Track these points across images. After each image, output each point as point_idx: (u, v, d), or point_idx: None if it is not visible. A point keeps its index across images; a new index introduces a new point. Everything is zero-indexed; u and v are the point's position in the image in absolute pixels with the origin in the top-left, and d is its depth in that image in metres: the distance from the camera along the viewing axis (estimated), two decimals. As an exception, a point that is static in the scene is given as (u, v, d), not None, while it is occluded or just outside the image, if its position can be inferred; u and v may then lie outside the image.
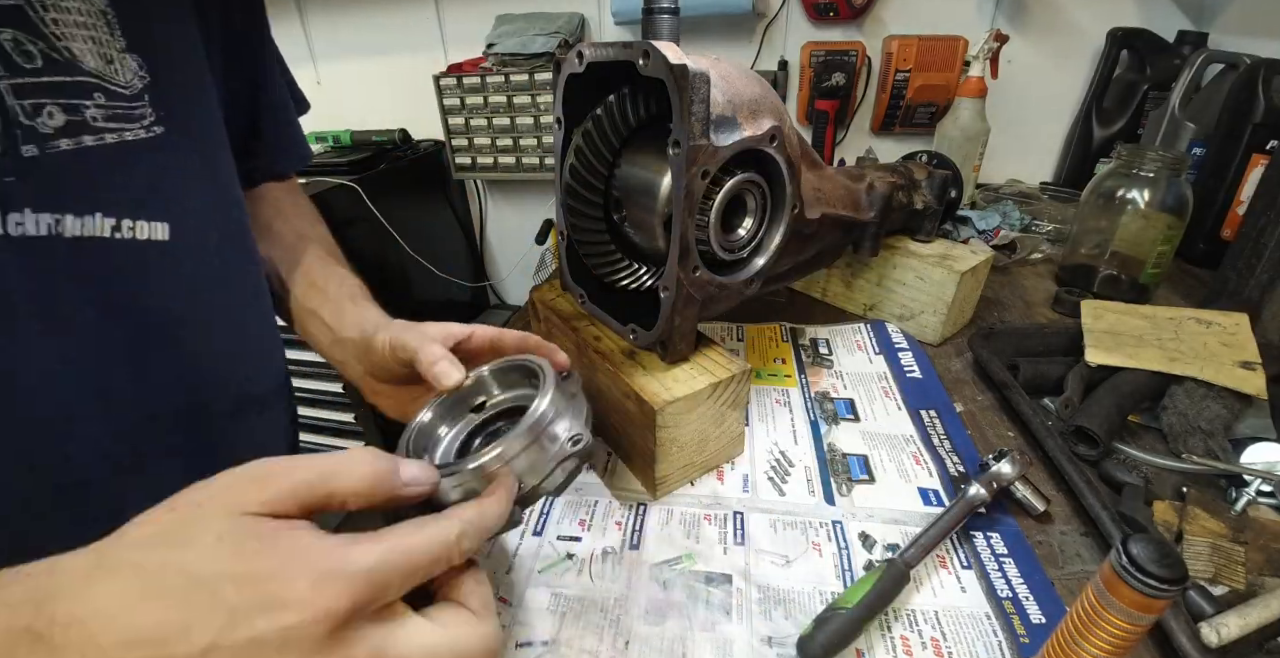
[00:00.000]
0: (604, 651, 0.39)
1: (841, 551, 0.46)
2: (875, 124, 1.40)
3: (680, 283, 0.45)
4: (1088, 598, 0.28)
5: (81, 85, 0.35)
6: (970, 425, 0.59)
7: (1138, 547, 0.26)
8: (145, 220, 0.38)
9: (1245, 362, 0.58)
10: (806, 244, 0.58)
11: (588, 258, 0.54)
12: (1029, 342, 0.68)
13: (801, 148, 0.52)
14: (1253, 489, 0.47)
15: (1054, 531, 0.47)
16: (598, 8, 1.47)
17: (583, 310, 0.56)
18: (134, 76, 0.38)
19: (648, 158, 0.48)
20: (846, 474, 0.53)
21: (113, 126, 0.37)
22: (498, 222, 1.88)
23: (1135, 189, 0.77)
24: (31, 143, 0.33)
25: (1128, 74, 1.19)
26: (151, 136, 0.39)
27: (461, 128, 1.55)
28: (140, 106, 0.38)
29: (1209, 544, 0.43)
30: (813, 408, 0.61)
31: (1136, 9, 1.22)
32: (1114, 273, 0.82)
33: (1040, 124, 1.34)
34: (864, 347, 0.72)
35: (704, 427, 0.50)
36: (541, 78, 1.43)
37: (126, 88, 0.37)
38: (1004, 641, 0.39)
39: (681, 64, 0.38)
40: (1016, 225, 1.00)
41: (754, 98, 0.45)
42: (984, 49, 1.01)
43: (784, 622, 0.41)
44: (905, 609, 0.41)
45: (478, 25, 1.49)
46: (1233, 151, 0.85)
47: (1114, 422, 0.53)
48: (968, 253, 0.71)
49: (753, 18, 1.38)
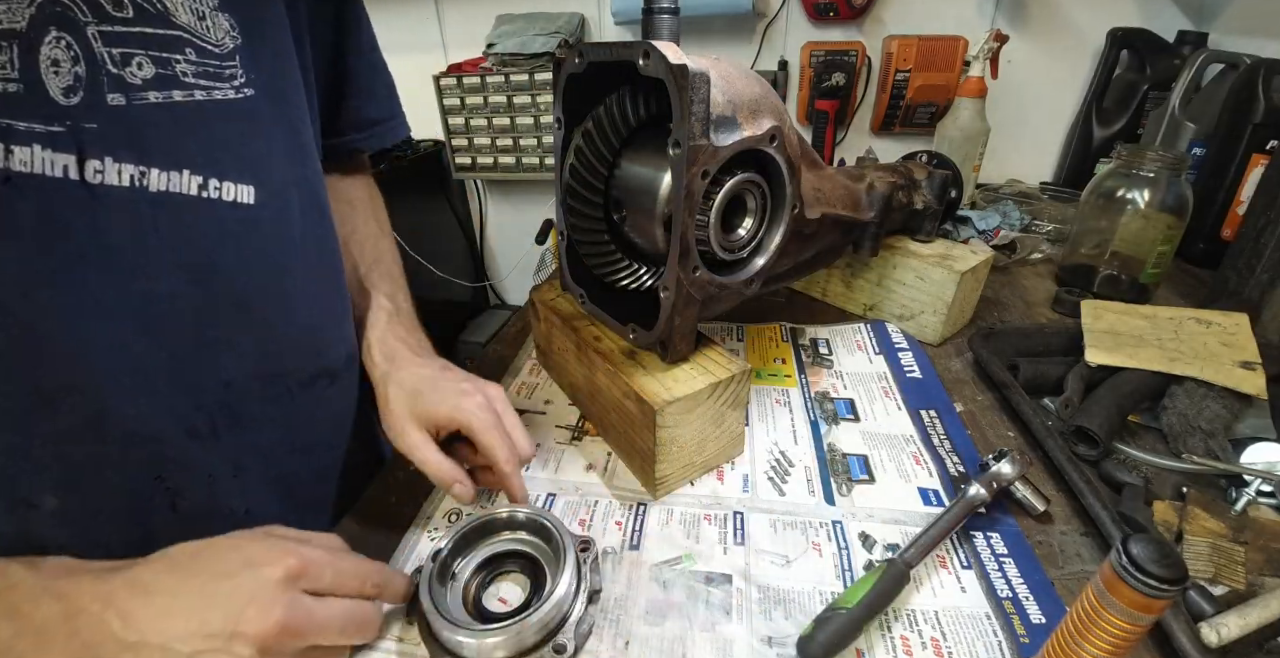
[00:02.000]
0: (604, 651, 0.39)
1: (841, 551, 0.46)
2: (875, 124, 1.40)
3: (680, 283, 0.45)
4: (1088, 598, 0.28)
5: (173, 39, 0.34)
6: (970, 425, 0.59)
7: (1138, 547, 0.26)
8: (232, 182, 0.38)
9: (1245, 362, 0.58)
10: (806, 244, 0.58)
11: (588, 258, 0.54)
12: (1029, 342, 0.68)
13: (801, 148, 0.52)
14: (1253, 489, 0.47)
15: (1054, 531, 0.47)
16: (598, 8, 1.47)
17: (583, 310, 0.56)
18: (225, 35, 0.37)
19: (648, 158, 0.48)
20: (846, 474, 0.53)
21: (203, 83, 0.36)
22: (498, 222, 1.88)
23: (1135, 189, 0.77)
24: (119, 92, 0.33)
25: (1128, 74, 1.19)
26: (242, 98, 0.38)
27: (461, 128, 1.55)
28: (231, 67, 0.37)
29: (1209, 544, 0.43)
30: (813, 408, 0.61)
31: (1136, 9, 1.22)
32: (1114, 273, 0.82)
33: (1040, 124, 1.34)
34: (864, 347, 0.72)
35: (704, 427, 0.50)
36: (541, 78, 1.43)
37: (218, 46, 0.37)
38: (1004, 641, 0.39)
39: (681, 64, 0.38)
40: (1016, 225, 1.00)
41: (754, 98, 0.45)
42: (984, 49, 1.01)
43: (784, 622, 0.41)
44: (905, 609, 0.41)
45: (478, 25, 1.49)
46: (1233, 151, 0.85)
47: (1114, 422, 0.53)
48: (968, 253, 0.71)
49: (753, 18, 1.38)
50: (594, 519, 0.49)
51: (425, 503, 0.51)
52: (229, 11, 0.37)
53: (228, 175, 0.38)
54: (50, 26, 0.30)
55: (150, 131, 0.34)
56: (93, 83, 0.32)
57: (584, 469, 0.54)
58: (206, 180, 0.37)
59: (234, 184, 0.38)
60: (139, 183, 0.34)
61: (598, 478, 0.53)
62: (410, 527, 0.48)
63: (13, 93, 0.29)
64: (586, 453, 0.56)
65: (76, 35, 0.31)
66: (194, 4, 0.35)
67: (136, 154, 0.34)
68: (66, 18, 0.31)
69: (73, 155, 0.31)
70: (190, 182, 0.36)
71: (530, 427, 0.60)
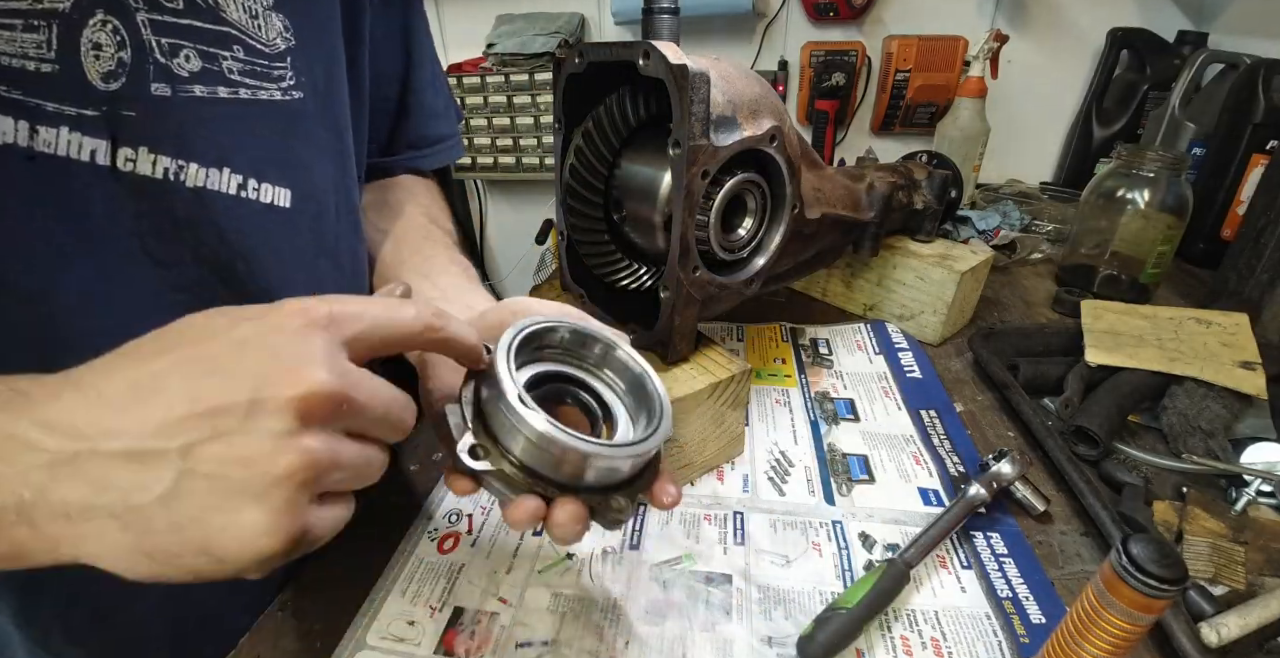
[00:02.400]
0: (604, 651, 0.39)
1: (841, 551, 0.46)
2: (875, 124, 1.40)
3: (680, 283, 0.45)
4: (1088, 598, 0.28)
5: (221, 35, 0.34)
6: (970, 425, 0.59)
7: (1138, 547, 0.26)
8: (271, 184, 0.37)
9: (1245, 362, 0.58)
10: (806, 244, 0.58)
11: (588, 258, 0.54)
12: (1029, 342, 0.68)
13: (801, 148, 0.52)
14: (1253, 489, 0.47)
15: (1054, 531, 0.47)
16: (598, 8, 1.47)
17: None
18: (278, 36, 0.37)
19: (648, 158, 0.48)
20: (846, 474, 0.53)
21: (250, 82, 0.35)
22: (498, 222, 1.88)
23: (1135, 189, 0.77)
24: (164, 82, 0.32)
25: (1128, 74, 1.19)
26: (289, 100, 0.38)
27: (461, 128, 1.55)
28: (280, 68, 0.37)
29: (1209, 544, 0.43)
30: (813, 408, 0.61)
31: (1136, 9, 1.22)
32: (1114, 273, 0.82)
33: (1040, 124, 1.34)
34: (864, 347, 0.72)
35: (704, 427, 0.50)
36: (541, 78, 1.43)
37: (268, 46, 0.36)
38: (1004, 641, 0.39)
39: (681, 64, 0.38)
40: (1016, 225, 1.00)
41: (754, 98, 0.45)
42: (984, 49, 1.01)
43: (784, 622, 0.41)
44: (905, 609, 0.41)
45: (478, 25, 1.49)
46: (1233, 152, 0.85)
47: (1114, 422, 0.53)
48: (968, 253, 0.71)
49: (753, 18, 1.38)
50: (594, 519, 0.49)
51: (425, 503, 0.51)
52: (284, 13, 0.37)
53: (267, 177, 0.37)
54: (98, 9, 0.30)
55: (193, 126, 0.33)
56: (137, 70, 0.31)
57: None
58: (246, 180, 0.36)
59: (272, 186, 0.38)
60: (176, 176, 0.33)
61: (598, 478, 0.53)
62: (410, 527, 0.48)
63: (46, 73, 0.29)
64: (586, 453, 0.56)
65: (126, 21, 0.30)
66: (247, 2, 0.35)
67: (176, 147, 0.33)
68: (117, 2, 0.30)
69: (105, 141, 0.31)
70: (230, 180, 0.35)
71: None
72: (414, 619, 0.41)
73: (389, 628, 0.40)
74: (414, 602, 0.42)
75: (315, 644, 0.40)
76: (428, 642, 0.40)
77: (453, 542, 0.47)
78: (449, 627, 0.41)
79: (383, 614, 0.41)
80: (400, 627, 0.40)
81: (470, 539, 0.47)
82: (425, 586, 0.43)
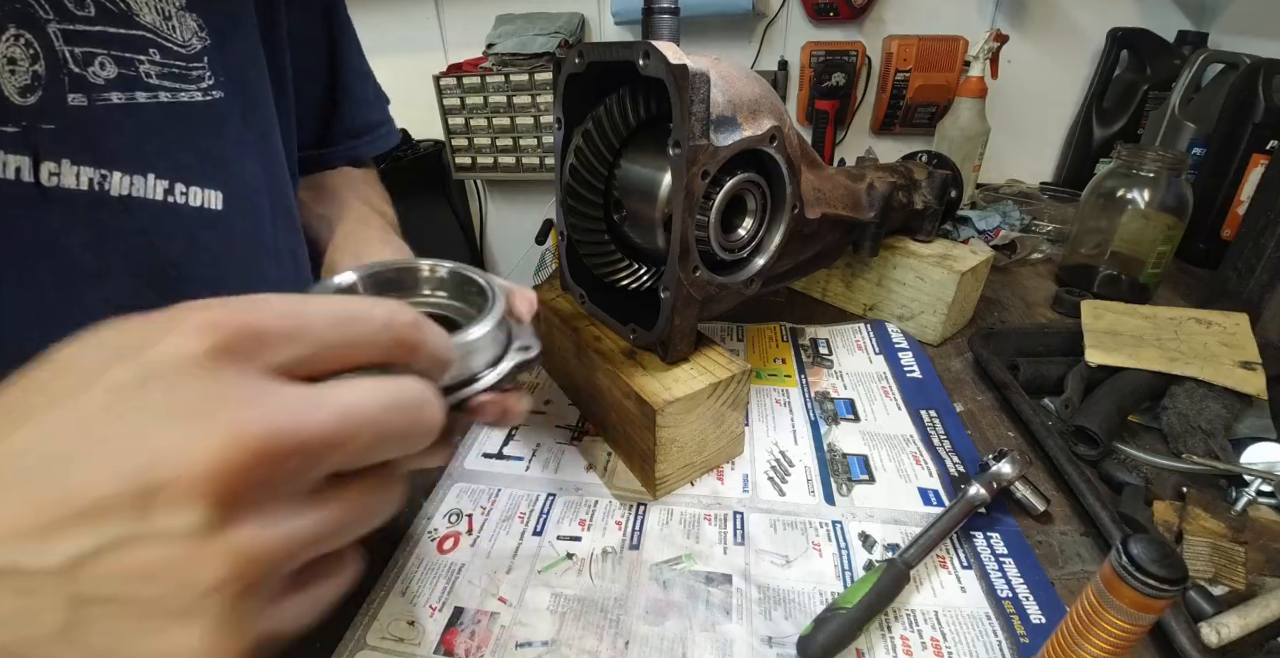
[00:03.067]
0: (604, 651, 0.39)
1: (841, 551, 0.46)
2: (875, 124, 1.40)
3: (680, 283, 0.45)
4: (1088, 598, 0.28)
5: (136, 39, 0.33)
6: (970, 425, 0.59)
7: (1138, 547, 0.26)
8: (200, 187, 0.37)
9: (1245, 362, 0.58)
10: (807, 244, 0.58)
11: (587, 258, 0.54)
12: (1029, 342, 0.68)
13: (801, 148, 0.52)
14: (1253, 489, 0.47)
15: (1054, 531, 0.47)
16: (598, 8, 1.47)
17: (583, 310, 0.56)
18: (193, 36, 0.36)
19: (648, 158, 0.48)
20: (846, 474, 0.53)
21: (168, 85, 0.35)
22: (498, 222, 1.88)
23: (1135, 189, 0.77)
24: (80, 92, 0.31)
25: (1128, 74, 1.19)
26: (209, 100, 0.37)
27: (461, 128, 1.55)
28: (198, 68, 0.36)
29: (1209, 544, 0.43)
30: (813, 408, 0.61)
31: (1136, 9, 1.22)
32: (1114, 273, 0.82)
33: (1040, 124, 1.34)
34: (864, 347, 0.72)
35: (704, 427, 0.50)
36: (541, 78, 1.43)
37: (184, 47, 0.36)
38: (1004, 641, 0.39)
39: (681, 64, 0.38)
40: (1016, 225, 1.00)
41: (754, 98, 0.45)
42: (984, 49, 1.01)
43: (784, 622, 0.41)
44: (905, 609, 0.41)
45: (478, 25, 1.49)
46: (1233, 152, 0.85)
47: (1114, 422, 0.53)
48: (968, 253, 0.71)
49: (753, 18, 1.38)
50: (594, 519, 0.49)
51: (425, 503, 0.51)
52: (197, 12, 0.36)
53: (195, 180, 0.36)
54: (10, 24, 0.29)
55: (112, 134, 0.33)
56: (52, 82, 0.30)
57: (584, 469, 0.54)
58: (172, 185, 0.35)
59: (201, 189, 0.37)
60: (99, 187, 0.32)
61: (597, 478, 0.53)
62: (410, 527, 0.48)
63: None
64: (586, 453, 0.56)
65: (37, 33, 0.30)
66: (160, 4, 0.34)
67: (96, 157, 0.32)
68: (27, 15, 0.29)
69: (27, 157, 0.30)
70: (155, 186, 0.34)
71: (530, 427, 0.60)
72: (414, 619, 0.41)
73: (389, 628, 0.40)
74: (414, 602, 0.42)
75: (315, 644, 0.40)
76: (428, 642, 0.40)
77: (453, 542, 0.47)
78: (449, 627, 0.41)
79: (382, 614, 0.41)
80: (400, 627, 0.40)
81: (470, 539, 0.47)
82: (425, 586, 0.43)
